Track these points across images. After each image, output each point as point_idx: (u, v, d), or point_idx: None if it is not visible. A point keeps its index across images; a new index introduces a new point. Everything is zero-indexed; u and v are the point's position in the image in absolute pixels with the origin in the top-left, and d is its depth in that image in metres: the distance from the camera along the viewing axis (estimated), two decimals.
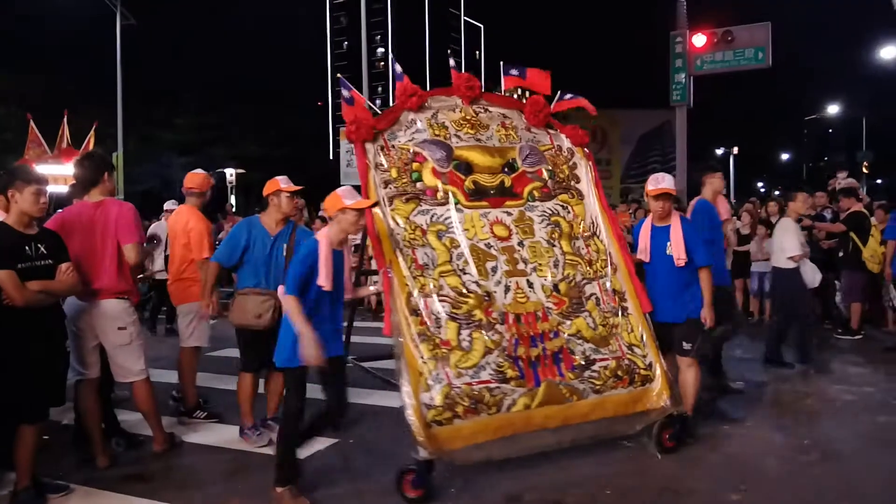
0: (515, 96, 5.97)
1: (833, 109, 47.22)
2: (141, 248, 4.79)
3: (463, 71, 5.73)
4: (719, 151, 58.18)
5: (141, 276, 7.79)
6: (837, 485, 4.32)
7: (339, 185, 20.58)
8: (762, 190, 64.26)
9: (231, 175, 30.78)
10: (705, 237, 5.35)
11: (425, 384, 4.34)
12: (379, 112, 5.34)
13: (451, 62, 6.17)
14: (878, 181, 49.83)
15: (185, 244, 5.68)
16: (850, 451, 4.90)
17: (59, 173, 11.04)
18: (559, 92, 5.82)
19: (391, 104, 5.54)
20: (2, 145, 41.12)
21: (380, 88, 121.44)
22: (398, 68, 5.62)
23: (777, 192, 52.44)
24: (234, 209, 13.11)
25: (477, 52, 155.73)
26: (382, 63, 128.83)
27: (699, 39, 16.01)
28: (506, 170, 5.27)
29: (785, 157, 71.88)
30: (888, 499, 4.21)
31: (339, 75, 5.82)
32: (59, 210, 5.73)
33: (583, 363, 4.71)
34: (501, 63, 5.86)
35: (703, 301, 4.92)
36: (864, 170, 33.58)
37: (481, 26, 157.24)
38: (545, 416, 4.50)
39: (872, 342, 8.81)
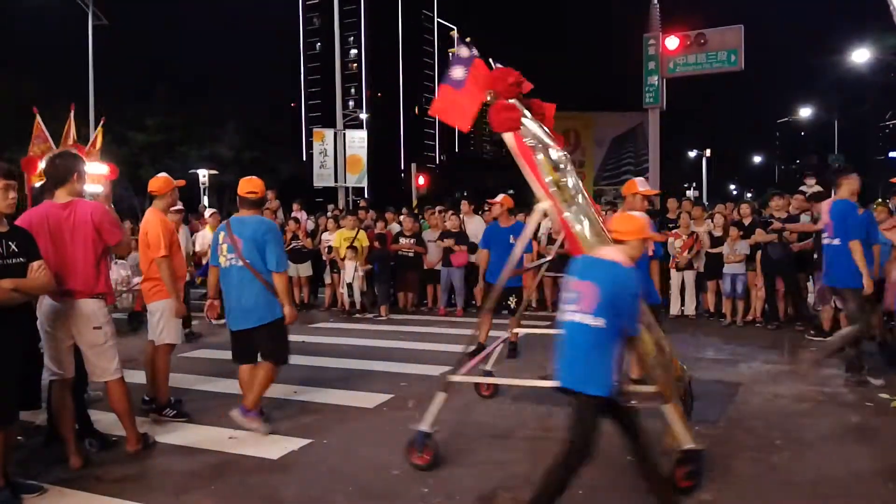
0: None
1: (805, 112, 47.90)
2: (127, 242, 4.82)
3: (436, 72, 5.60)
4: (692, 154, 58.85)
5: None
6: (807, 483, 4.38)
7: (312, 186, 20.49)
8: (734, 192, 65.07)
9: (204, 176, 30.54)
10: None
11: None
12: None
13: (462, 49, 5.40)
14: None
15: (147, 245, 5.82)
16: (821, 450, 4.98)
17: (91, 172, 11.12)
18: None
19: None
20: None
21: (352, 90, 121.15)
22: (471, 52, 5.17)
23: (749, 195, 53.17)
24: (206, 209, 12.96)
25: (451, 54, 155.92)
26: (355, 64, 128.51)
27: (672, 42, 16.20)
28: None
29: (757, 159, 72.89)
30: (855, 495, 4.28)
31: (462, 41, 5.24)
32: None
33: None
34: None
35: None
36: None
37: (455, 28, 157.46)
38: None
39: None
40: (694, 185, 54.04)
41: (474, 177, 73.50)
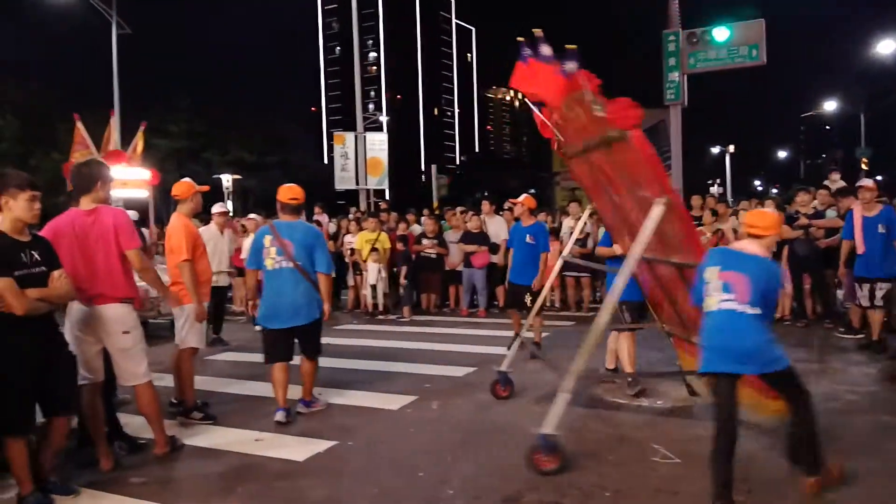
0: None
1: (830, 106, 47.18)
2: (143, 253, 4.84)
3: (455, 73, 5.63)
4: (715, 150, 58.29)
5: None
6: (842, 484, 4.29)
7: (334, 189, 20.55)
8: (759, 188, 64.35)
9: (227, 181, 30.83)
10: None
11: None
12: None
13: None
14: (878, 178, 49.83)
15: (171, 249, 5.93)
16: (853, 450, 4.89)
17: (132, 178, 11.04)
18: None
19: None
20: None
21: (372, 93, 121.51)
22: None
23: (774, 191, 52.53)
24: (230, 213, 13.00)
25: (468, 55, 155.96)
26: (374, 67, 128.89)
27: (692, 37, 16.04)
28: None
29: (782, 154, 72.01)
30: (889, 497, 4.21)
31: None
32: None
33: None
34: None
35: None
36: (864, 166, 33.51)
37: (472, 29, 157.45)
38: None
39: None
40: (718, 181, 53.50)
41: (495, 177, 73.48)
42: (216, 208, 9.60)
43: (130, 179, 11.02)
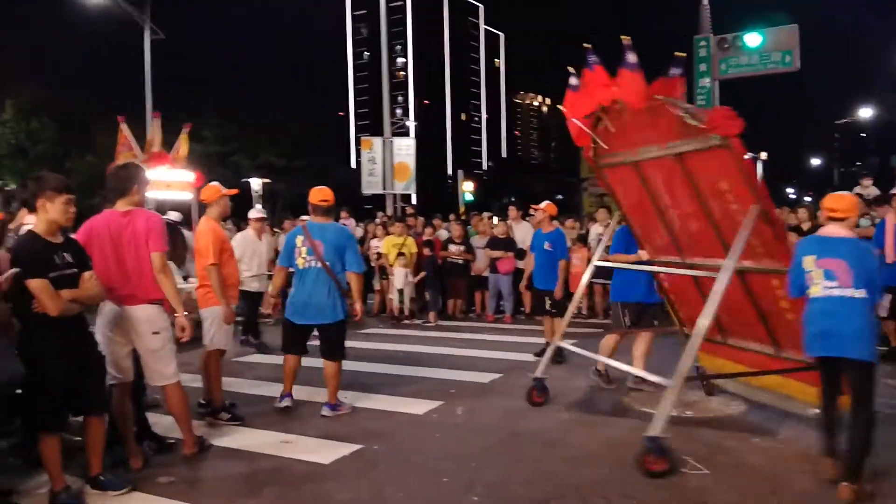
0: None
1: (865, 113, 46.40)
2: (166, 258, 4.86)
3: (483, 78, 5.78)
4: (747, 157, 57.48)
5: None
6: (883, 498, 4.18)
7: (361, 193, 20.58)
8: (792, 196, 63.43)
9: (258, 185, 31.10)
10: None
11: None
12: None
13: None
14: None
15: (199, 252, 6.00)
16: (885, 466, 4.78)
17: (176, 179, 10.87)
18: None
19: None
20: (36, 157, 42.00)
21: (400, 98, 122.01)
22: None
23: (808, 199, 51.77)
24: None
25: (496, 60, 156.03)
26: (402, 73, 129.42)
27: (723, 42, 15.90)
28: None
29: (816, 162, 70.86)
30: None
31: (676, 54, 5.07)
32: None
33: None
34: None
35: None
36: None
37: (501, 34, 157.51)
38: None
39: None
40: None
41: (522, 182, 73.33)
42: (253, 213, 9.53)
43: (174, 181, 10.92)
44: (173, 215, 8.36)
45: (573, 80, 5.68)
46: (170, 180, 10.70)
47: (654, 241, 6.49)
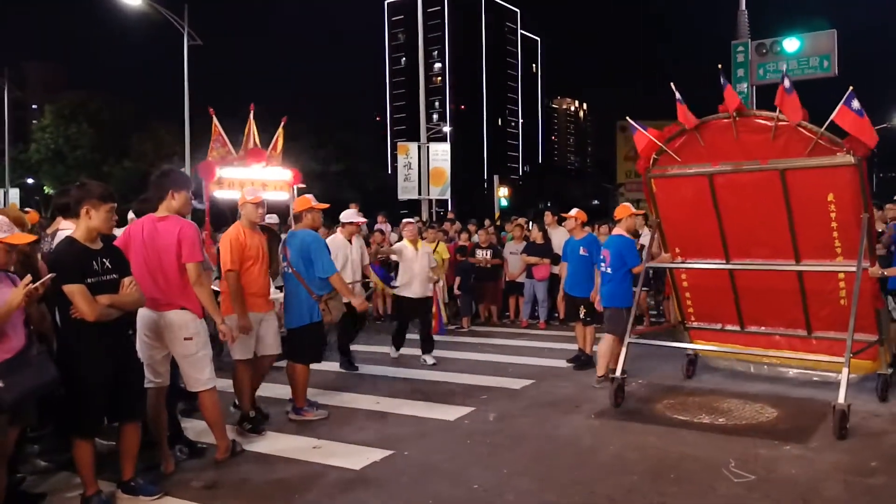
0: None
1: None
2: (201, 268, 4.90)
3: (520, 83, 5.92)
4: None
5: None
6: None
7: (397, 198, 20.61)
8: None
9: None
10: None
11: None
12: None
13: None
14: None
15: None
16: None
17: (272, 178, 9.71)
18: None
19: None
20: (74, 161, 43.03)
21: (436, 103, 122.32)
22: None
23: None
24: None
25: (534, 66, 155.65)
26: (439, 78, 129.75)
27: (761, 47, 15.71)
28: None
29: None
30: None
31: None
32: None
33: None
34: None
35: None
36: None
37: (538, 39, 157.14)
38: None
39: None
40: None
41: (558, 187, 73.00)
42: (345, 216, 8.51)
43: (270, 180, 9.65)
44: (270, 218, 8.11)
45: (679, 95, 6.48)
46: (265, 179, 9.55)
47: (693, 243, 7.25)
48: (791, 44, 15.50)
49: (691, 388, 7.10)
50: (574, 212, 8.50)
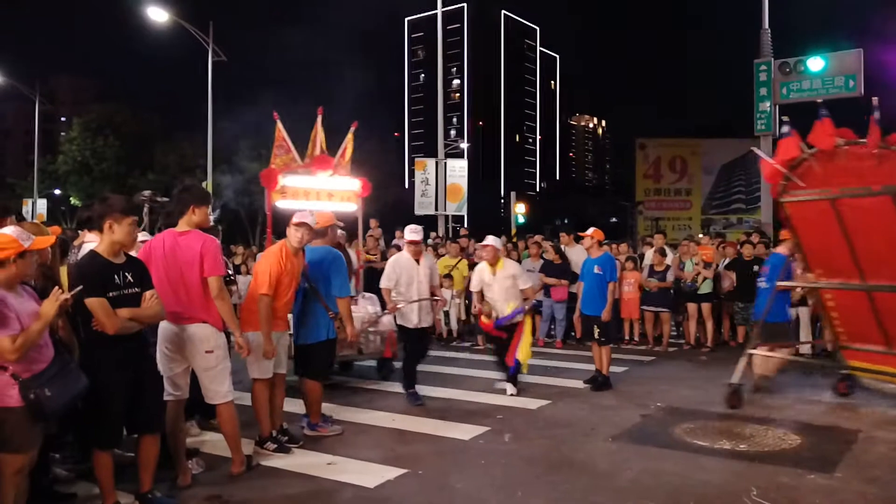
0: None
1: None
2: (222, 282, 4.90)
3: (538, 100, 5.87)
4: None
5: None
6: None
7: (414, 214, 20.72)
8: None
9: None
10: None
11: None
12: None
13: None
14: None
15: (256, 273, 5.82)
16: None
17: (340, 188, 9.11)
18: None
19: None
20: (99, 174, 43.57)
21: (454, 119, 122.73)
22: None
23: None
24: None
25: (552, 83, 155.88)
26: (457, 94, 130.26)
27: (785, 66, 15.65)
28: None
29: None
30: None
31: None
32: None
33: None
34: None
35: None
36: None
37: (557, 56, 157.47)
38: None
39: None
40: None
41: (575, 204, 72.82)
42: (409, 234, 7.74)
43: (337, 190, 9.04)
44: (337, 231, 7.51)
45: (786, 128, 7.03)
46: (332, 189, 8.94)
47: (830, 265, 7.42)
48: (815, 63, 15.45)
49: (711, 413, 7.00)
50: (591, 231, 8.50)
